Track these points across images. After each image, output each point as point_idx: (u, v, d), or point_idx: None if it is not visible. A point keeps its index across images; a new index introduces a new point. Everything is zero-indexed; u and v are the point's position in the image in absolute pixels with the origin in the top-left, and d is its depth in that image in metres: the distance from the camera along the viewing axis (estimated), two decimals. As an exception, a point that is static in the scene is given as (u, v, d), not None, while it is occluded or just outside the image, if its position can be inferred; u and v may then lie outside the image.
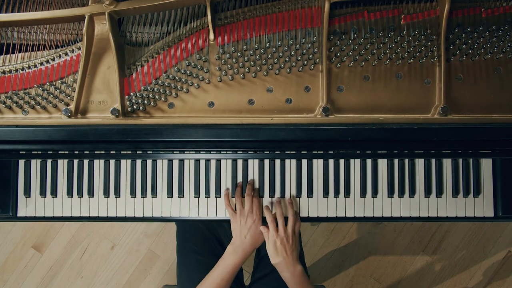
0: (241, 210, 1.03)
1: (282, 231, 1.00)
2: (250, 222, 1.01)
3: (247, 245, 1.00)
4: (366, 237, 1.94)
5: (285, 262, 0.98)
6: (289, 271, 0.98)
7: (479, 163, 1.07)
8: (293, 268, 0.98)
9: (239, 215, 1.03)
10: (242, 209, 1.03)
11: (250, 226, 1.01)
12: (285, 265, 0.98)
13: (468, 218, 1.07)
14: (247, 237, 1.00)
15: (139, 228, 1.95)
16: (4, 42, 0.99)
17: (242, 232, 1.01)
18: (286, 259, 0.98)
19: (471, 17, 0.98)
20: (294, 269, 0.98)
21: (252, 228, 1.01)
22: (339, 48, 0.97)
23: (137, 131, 0.95)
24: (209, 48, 0.98)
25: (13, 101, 0.97)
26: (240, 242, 1.00)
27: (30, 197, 1.08)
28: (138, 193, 1.08)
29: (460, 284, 1.94)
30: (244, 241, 1.00)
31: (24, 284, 1.95)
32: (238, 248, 1.00)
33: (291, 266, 0.98)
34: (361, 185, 1.07)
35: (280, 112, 0.99)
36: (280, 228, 1.00)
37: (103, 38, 0.97)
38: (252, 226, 1.01)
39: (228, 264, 0.99)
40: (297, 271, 0.98)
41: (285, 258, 0.98)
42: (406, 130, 0.95)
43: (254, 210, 1.02)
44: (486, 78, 0.98)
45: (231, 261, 0.99)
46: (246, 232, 1.01)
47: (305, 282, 0.99)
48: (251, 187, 1.05)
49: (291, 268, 0.98)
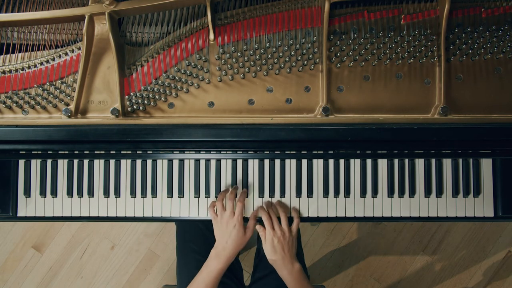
0: (222, 214, 1.02)
1: (278, 229, 1.00)
2: (231, 227, 1.00)
3: (229, 249, 0.99)
4: (366, 237, 1.94)
5: (282, 260, 0.98)
6: (286, 269, 0.98)
7: (479, 163, 1.07)
8: (291, 266, 0.98)
9: (219, 219, 1.02)
10: (224, 213, 1.01)
11: (231, 231, 1.00)
12: (282, 263, 0.98)
13: (468, 218, 1.07)
14: (229, 242, 0.99)
15: (139, 228, 1.95)
16: (4, 42, 0.99)
17: (224, 237, 1.00)
18: (284, 257, 0.98)
19: (471, 17, 0.98)
20: (292, 267, 0.98)
21: (233, 233, 1.00)
22: (339, 48, 0.97)
23: (137, 131, 0.95)
24: (209, 48, 0.98)
25: (13, 101, 0.97)
26: (222, 247, 1.00)
27: (30, 197, 1.08)
28: (138, 193, 1.08)
29: (460, 284, 1.94)
30: (225, 246, 1.00)
31: (24, 284, 1.95)
32: (220, 253, 1.00)
33: (289, 264, 0.98)
34: (361, 185, 1.07)
35: (280, 112, 0.99)
36: (276, 227, 1.00)
37: (103, 38, 0.97)
38: (233, 231, 1.00)
39: (212, 269, 0.99)
40: (295, 269, 0.98)
41: (282, 256, 0.98)
42: (406, 130, 0.95)
43: (236, 214, 1.01)
44: (486, 78, 0.98)
45: (214, 266, 0.99)
46: (227, 237, 1.00)
47: (303, 280, 0.99)
48: (235, 191, 1.04)
49: (289, 266, 0.98)
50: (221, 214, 1.01)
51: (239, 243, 1.00)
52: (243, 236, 1.00)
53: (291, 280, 0.98)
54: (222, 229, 1.01)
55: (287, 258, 0.98)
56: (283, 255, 0.98)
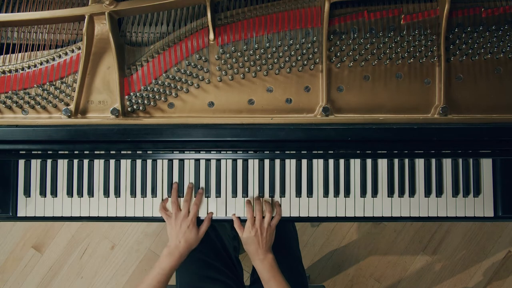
0: (176, 215, 1.04)
1: (258, 223, 1.03)
2: (185, 227, 1.03)
3: (182, 248, 1.02)
4: (366, 237, 1.94)
5: (256, 250, 1.02)
6: (259, 258, 1.02)
7: (479, 163, 1.07)
8: (263, 256, 1.02)
9: (173, 219, 1.04)
10: (178, 213, 1.04)
11: (184, 231, 1.02)
12: (256, 254, 1.02)
13: (468, 218, 1.07)
14: (182, 242, 1.02)
15: (139, 228, 1.95)
16: (4, 42, 0.99)
17: (178, 236, 1.02)
18: (258, 248, 1.02)
19: (471, 17, 0.98)
20: (264, 257, 1.02)
21: (186, 233, 1.02)
22: (339, 48, 0.97)
23: (137, 131, 0.95)
24: (209, 48, 0.98)
25: (13, 101, 0.97)
26: (175, 246, 1.02)
27: (30, 197, 1.08)
28: (138, 193, 1.08)
29: (460, 284, 1.94)
30: (178, 245, 1.02)
31: (24, 284, 1.95)
32: (173, 251, 1.02)
33: (261, 255, 1.02)
34: (361, 185, 1.07)
35: (280, 112, 0.99)
36: (256, 220, 1.03)
37: (103, 38, 0.97)
38: (186, 232, 1.02)
39: (165, 267, 1.00)
40: (267, 258, 1.02)
41: (256, 248, 1.02)
42: (406, 130, 0.95)
43: (190, 216, 1.04)
44: (486, 78, 0.98)
45: (167, 264, 1.01)
46: (181, 237, 1.02)
47: (274, 269, 1.02)
48: (191, 191, 1.07)
49: (261, 256, 1.02)
50: (176, 214, 1.04)
51: (192, 243, 1.04)
52: (195, 237, 1.04)
53: (261, 268, 1.02)
54: (176, 229, 1.03)
55: (260, 249, 1.02)
56: (257, 246, 1.02)
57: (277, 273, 1.02)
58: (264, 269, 1.02)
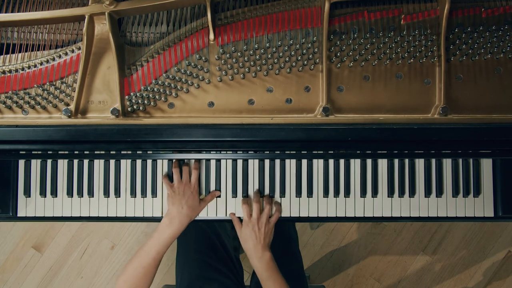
0: (178, 181, 1.04)
1: (255, 217, 1.02)
2: (188, 192, 1.02)
3: (184, 215, 1.00)
4: (366, 237, 1.94)
5: (254, 248, 1.00)
6: (256, 256, 1.00)
7: (479, 163, 1.07)
8: (261, 254, 1.00)
9: (177, 185, 1.03)
10: (180, 180, 1.04)
11: (188, 196, 1.02)
12: (254, 251, 1.00)
13: (468, 218, 1.07)
14: (184, 207, 1.01)
15: (139, 228, 1.95)
16: (4, 42, 0.99)
17: (180, 202, 1.01)
18: (256, 245, 1.00)
19: (471, 17, 0.98)
20: (261, 255, 1.00)
21: (190, 198, 1.02)
22: (339, 48, 0.97)
23: (137, 131, 0.95)
24: (209, 48, 0.98)
25: (13, 101, 0.97)
26: (177, 212, 1.00)
27: (30, 197, 1.08)
28: (138, 193, 1.08)
29: (460, 284, 1.94)
30: (181, 211, 1.00)
31: (24, 284, 1.95)
32: (174, 219, 1.00)
33: (259, 252, 1.00)
34: (361, 185, 1.07)
35: (280, 112, 0.99)
36: (254, 215, 1.02)
37: (103, 38, 0.97)
38: (190, 196, 1.02)
39: (165, 236, 0.98)
40: (265, 256, 1.00)
41: (254, 244, 1.00)
42: (406, 130, 0.95)
43: (192, 182, 1.04)
44: (486, 78, 0.98)
45: (167, 233, 0.99)
46: (184, 202, 1.01)
47: (272, 268, 1.00)
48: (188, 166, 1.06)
49: (259, 254, 1.00)
50: (178, 180, 1.04)
51: (193, 210, 1.02)
52: (197, 205, 1.03)
53: (259, 267, 1.00)
54: (178, 196, 1.02)
55: (258, 246, 1.00)
56: (255, 243, 1.00)
57: (275, 272, 1.00)
58: (262, 267, 1.00)
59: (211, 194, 1.07)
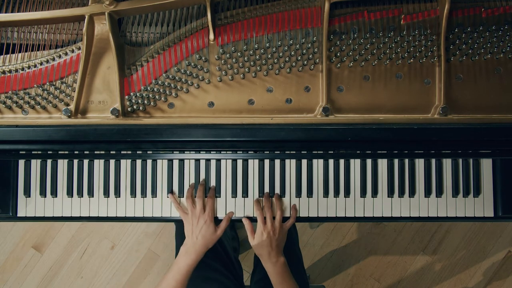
0: (192, 211, 1.03)
1: (269, 224, 1.01)
2: (202, 223, 1.01)
3: (199, 246, 1.00)
4: (366, 237, 1.94)
5: (268, 254, 1.00)
6: (271, 262, 1.00)
7: (479, 163, 1.07)
8: (275, 259, 1.00)
9: (190, 216, 1.03)
10: (194, 209, 1.03)
11: (201, 227, 1.01)
12: (268, 257, 1.00)
13: (468, 218, 1.07)
14: (199, 238, 1.00)
15: (139, 228, 1.95)
16: (4, 42, 0.99)
17: (194, 233, 1.01)
18: (270, 251, 1.00)
19: (471, 17, 0.98)
20: (276, 260, 1.00)
21: (203, 228, 1.01)
22: (339, 48, 0.97)
23: (137, 131, 0.95)
24: (209, 48, 0.98)
25: (13, 101, 0.97)
26: (192, 243, 1.01)
27: (30, 197, 1.08)
28: (138, 193, 1.08)
29: (460, 284, 1.94)
30: (196, 242, 1.00)
31: (24, 284, 1.95)
32: (190, 249, 1.01)
33: (273, 258, 1.00)
34: (361, 185, 1.07)
35: (280, 112, 0.99)
36: (267, 221, 1.01)
37: (103, 38, 0.97)
38: (203, 227, 1.01)
39: (182, 266, 1.00)
40: (279, 262, 1.00)
41: (269, 251, 1.00)
42: (406, 130, 0.95)
43: (206, 211, 1.02)
44: (486, 78, 0.98)
45: (184, 262, 1.00)
46: (197, 233, 1.01)
47: (285, 273, 1.01)
48: (203, 188, 1.05)
49: (274, 260, 1.00)
50: (192, 211, 1.03)
51: (209, 239, 1.01)
52: (213, 233, 1.02)
53: (273, 273, 1.00)
54: (192, 225, 1.02)
55: (273, 253, 1.00)
56: (269, 249, 1.00)
57: (288, 277, 1.01)
58: (276, 272, 1.00)
59: (226, 218, 1.05)
